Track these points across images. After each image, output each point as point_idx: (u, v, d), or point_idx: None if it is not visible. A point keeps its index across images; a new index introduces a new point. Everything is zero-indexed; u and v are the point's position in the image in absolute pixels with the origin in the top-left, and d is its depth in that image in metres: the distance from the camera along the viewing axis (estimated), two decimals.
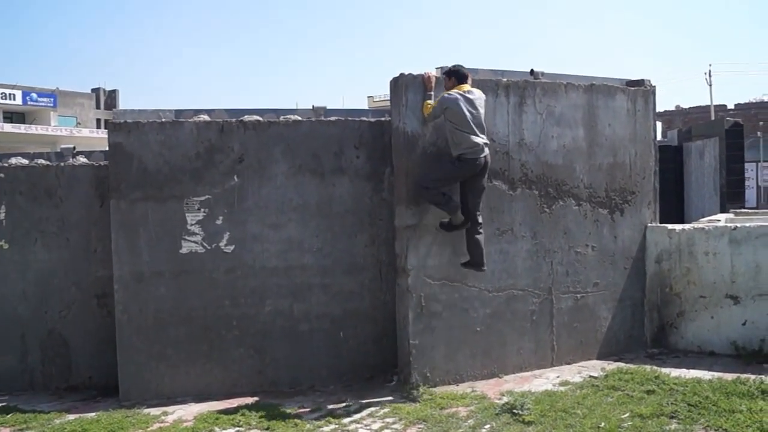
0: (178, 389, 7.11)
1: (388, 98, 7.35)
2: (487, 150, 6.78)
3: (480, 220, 6.92)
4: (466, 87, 6.87)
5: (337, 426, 6.04)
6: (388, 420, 6.11)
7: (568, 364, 7.62)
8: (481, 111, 6.83)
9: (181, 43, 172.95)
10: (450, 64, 7.08)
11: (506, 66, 7.39)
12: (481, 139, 6.72)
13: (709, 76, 54.07)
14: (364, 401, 6.64)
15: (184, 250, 7.13)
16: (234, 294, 7.19)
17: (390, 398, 6.70)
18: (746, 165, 18.46)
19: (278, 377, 7.26)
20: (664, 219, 9.08)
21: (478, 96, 6.87)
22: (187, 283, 7.14)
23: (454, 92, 6.78)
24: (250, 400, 6.85)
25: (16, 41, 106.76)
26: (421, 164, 6.92)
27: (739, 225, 7.93)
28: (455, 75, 6.96)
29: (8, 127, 44.53)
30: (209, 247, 7.15)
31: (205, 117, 7.46)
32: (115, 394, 7.15)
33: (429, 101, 6.87)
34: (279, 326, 7.26)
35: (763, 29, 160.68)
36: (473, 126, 6.69)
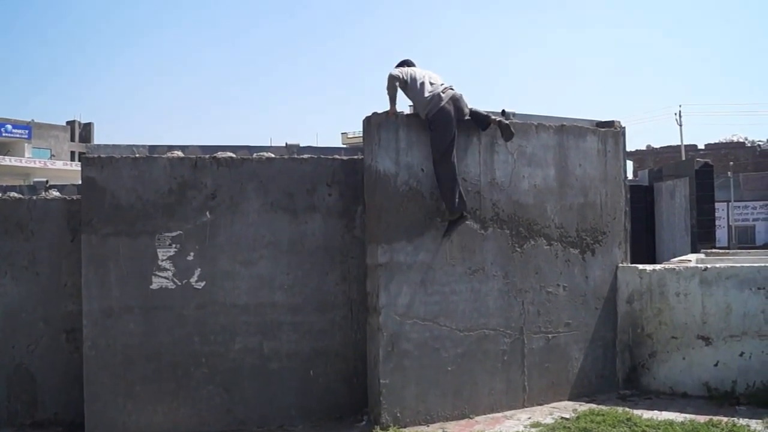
0: (145, 427, 6.98)
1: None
2: (445, 94, 7.10)
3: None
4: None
5: None
6: None
7: (540, 405, 7.58)
8: (420, 76, 7.24)
9: (156, 77, 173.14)
10: None
11: (478, 106, 7.46)
12: (432, 91, 7.10)
13: (680, 116, 55.09)
14: None
15: (154, 286, 7.06)
16: (204, 331, 7.12)
17: None
18: (717, 205, 18.76)
19: (247, 416, 7.17)
20: (636, 259, 9.15)
21: (414, 69, 7.38)
22: (156, 319, 7.06)
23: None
24: None
25: None
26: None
27: (709, 265, 7.99)
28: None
29: None
30: (180, 283, 7.09)
31: (179, 153, 7.45)
32: (80, 431, 7.02)
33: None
34: (248, 364, 7.19)
35: (732, 71, 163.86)
36: (423, 86, 7.13)
